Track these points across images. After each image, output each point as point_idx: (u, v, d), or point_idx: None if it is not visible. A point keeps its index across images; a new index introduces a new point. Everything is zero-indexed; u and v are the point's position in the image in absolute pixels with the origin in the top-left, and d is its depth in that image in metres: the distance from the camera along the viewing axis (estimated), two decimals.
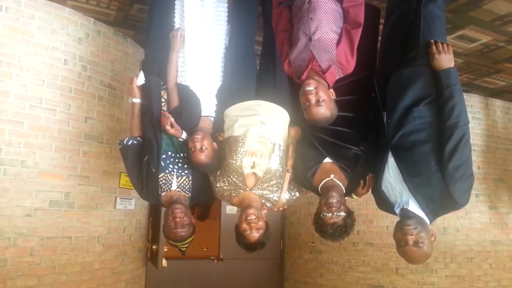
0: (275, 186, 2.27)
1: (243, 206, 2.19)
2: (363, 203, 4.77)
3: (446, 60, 2.01)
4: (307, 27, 2.17)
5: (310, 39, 2.15)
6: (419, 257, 1.98)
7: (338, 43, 2.11)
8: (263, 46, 2.58)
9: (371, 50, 2.36)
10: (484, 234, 5.00)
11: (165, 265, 4.04)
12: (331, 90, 2.09)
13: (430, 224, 2.04)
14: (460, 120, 1.96)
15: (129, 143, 2.45)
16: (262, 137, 2.25)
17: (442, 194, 1.95)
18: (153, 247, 4.20)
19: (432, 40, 2.06)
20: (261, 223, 2.09)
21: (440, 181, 1.93)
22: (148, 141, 2.38)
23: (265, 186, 2.24)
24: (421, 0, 2.12)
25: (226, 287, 5.32)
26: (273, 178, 2.25)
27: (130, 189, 3.61)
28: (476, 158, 4.96)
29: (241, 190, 2.25)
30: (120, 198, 3.50)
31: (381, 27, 2.51)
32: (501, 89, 4.94)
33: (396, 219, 4.57)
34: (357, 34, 2.11)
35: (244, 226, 2.09)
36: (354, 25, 2.13)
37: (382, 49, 2.41)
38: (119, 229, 3.51)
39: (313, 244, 5.28)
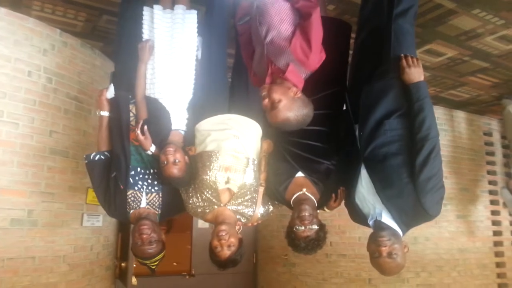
0: (249, 200, 2.23)
1: (217, 223, 2.13)
2: (335, 214, 4.75)
3: (416, 74, 2.04)
4: (259, 33, 2.13)
5: (263, 45, 2.11)
6: (392, 269, 1.98)
7: (291, 40, 2.04)
8: (235, 58, 2.57)
9: (343, 65, 2.38)
10: (452, 243, 5.11)
11: (135, 283, 3.91)
12: (294, 89, 2.00)
13: (403, 235, 2.06)
14: (430, 133, 1.99)
15: (96, 158, 2.37)
16: (235, 152, 2.21)
17: (414, 205, 1.96)
18: (122, 264, 4.06)
19: (402, 55, 2.09)
20: (232, 239, 2.04)
21: (412, 193, 1.95)
22: (116, 157, 2.31)
23: (240, 201, 2.20)
24: (392, 15, 2.15)
25: None
26: (248, 192, 2.21)
27: (97, 205, 3.44)
28: (443, 169, 5.08)
29: (215, 206, 2.19)
30: (87, 215, 3.37)
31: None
32: (465, 101, 5.10)
33: (368, 230, 4.63)
34: (310, 25, 2.01)
35: (215, 243, 2.04)
36: (304, 17, 2.05)
37: (353, 63, 2.42)
38: (86, 247, 3.37)
39: (286, 257, 5.25)
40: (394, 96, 2.10)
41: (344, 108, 2.27)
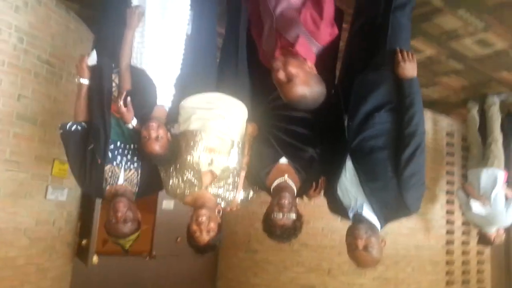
0: (231, 184, 2.18)
1: (196, 206, 2.07)
2: (300, 204, 4.84)
3: (410, 69, 2.05)
4: (268, 6, 2.05)
5: (272, 18, 2.03)
6: (368, 262, 2.02)
7: (301, 10, 1.97)
8: (224, 38, 2.49)
9: (333, 52, 2.35)
10: (410, 239, 5.29)
11: (96, 261, 3.78)
12: (309, 63, 1.91)
13: (380, 229, 2.09)
14: (418, 129, 2.02)
15: (72, 129, 2.24)
16: (221, 133, 2.16)
17: (397, 200, 1.99)
18: (82, 242, 3.91)
19: (398, 48, 2.09)
20: (212, 224, 1.99)
21: (395, 187, 1.98)
22: (95, 129, 2.19)
23: (221, 184, 2.15)
24: (390, 7, 2.15)
25: (157, 285, 5.12)
26: (230, 176, 2.16)
27: (63, 178, 3.33)
28: None
29: (196, 188, 2.13)
30: (51, 188, 3.20)
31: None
32: (433, 101, 5.20)
33: (331, 221, 4.72)
34: None
35: (194, 227, 1.99)
36: None
37: (347, 52, 2.42)
38: (49, 222, 3.21)
39: (249, 243, 5.25)
40: (386, 89, 2.11)
41: (334, 97, 2.24)
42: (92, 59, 2.24)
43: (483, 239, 4.82)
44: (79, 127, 2.23)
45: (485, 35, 3.38)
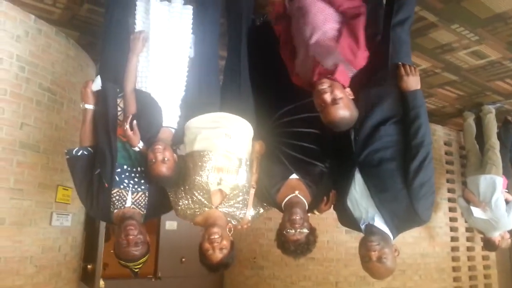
0: (241, 202, 2.19)
1: (207, 225, 2.07)
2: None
3: (413, 82, 2.10)
4: (303, 34, 2.11)
5: (308, 45, 2.09)
6: (382, 273, 2.02)
7: (338, 39, 2.05)
8: (227, 59, 2.51)
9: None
10: (415, 248, 5.29)
11: (103, 286, 3.73)
12: (348, 89, 2.00)
13: (393, 239, 2.09)
14: (425, 140, 2.04)
15: (79, 154, 2.25)
16: (227, 152, 2.17)
17: (408, 210, 2.01)
18: (88, 266, 3.87)
19: (400, 63, 2.13)
20: (225, 242, 1.99)
21: (406, 198, 2.00)
22: (101, 153, 2.20)
23: (231, 203, 2.16)
24: (389, 24, 2.20)
25: None
26: (240, 194, 2.17)
27: (67, 203, 3.31)
28: None
29: (206, 208, 2.13)
30: (56, 214, 3.17)
31: None
32: (430, 112, 5.29)
33: (336, 234, 4.72)
34: (358, 23, 2.05)
35: (207, 245, 1.98)
36: (352, 16, 2.07)
37: None
38: (54, 248, 3.17)
39: (254, 260, 5.22)
40: (390, 102, 2.14)
41: None
42: (97, 84, 2.26)
43: (488, 245, 4.83)
44: (85, 152, 2.24)
45: (479, 47, 3.44)
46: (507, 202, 4.61)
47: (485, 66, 3.80)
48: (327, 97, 1.92)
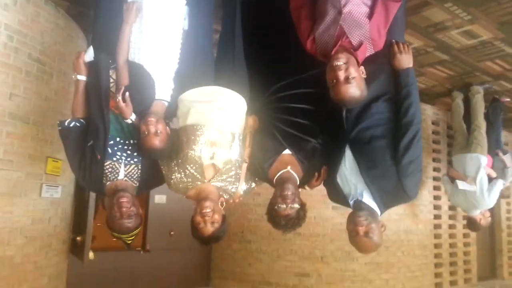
0: (233, 177, 2.20)
1: (199, 199, 2.09)
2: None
3: (406, 60, 2.11)
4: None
5: (340, 12, 2.04)
6: (369, 247, 2.07)
7: (370, 17, 2.02)
8: (221, 32, 2.49)
9: None
10: (399, 225, 5.43)
11: (92, 257, 3.76)
12: (362, 67, 1.98)
13: (380, 215, 2.14)
14: (415, 118, 2.07)
15: (71, 125, 2.23)
16: (221, 126, 2.17)
17: (396, 186, 2.05)
18: (77, 238, 3.89)
19: (393, 40, 2.14)
20: (216, 216, 2.01)
21: (395, 175, 2.03)
22: (94, 125, 2.18)
23: (224, 177, 2.17)
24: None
25: (152, 279, 5.14)
26: (233, 168, 2.18)
27: (57, 175, 3.31)
28: None
29: (199, 182, 2.14)
30: (46, 186, 3.18)
31: None
32: (420, 91, 5.24)
33: (323, 210, 4.80)
34: (395, 7, 2.03)
35: (198, 219, 1.99)
36: (392, 0, 2.04)
37: None
38: (44, 220, 3.18)
39: (242, 234, 5.30)
40: (382, 80, 2.15)
41: None
42: (89, 55, 2.23)
43: (471, 224, 4.97)
44: (77, 124, 2.23)
45: (471, 27, 3.47)
46: (490, 179, 4.73)
47: (477, 46, 3.84)
48: (341, 74, 1.90)
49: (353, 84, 1.91)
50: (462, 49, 3.95)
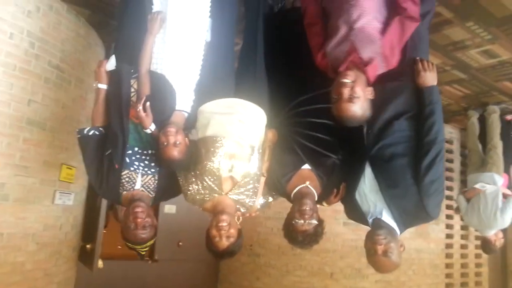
0: (251, 190, 2.18)
1: (216, 212, 2.06)
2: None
3: (430, 78, 2.08)
4: (348, 14, 2.05)
5: (351, 28, 2.03)
6: (387, 267, 2.03)
7: (383, 33, 2.00)
8: (243, 45, 2.49)
9: None
10: (411, 243, 5.34)
11: (101, 266, 3.73)
12: (370, 88, 1.98)
13: (400, 234, 2.10)
14: (438, 137, 2.03)
15: (90, 133, 2.22)
16: (240, 138, 2.15)
17: (417, 206, 2.01)
18: (87, 246, 3.87)
19: (418, 58, 2.12)
20: (232, 231, 1.98)
21: (416, 194, 1.99)
22: (113, 134, 2.18)
23: (242, 190, 2.15)
24: None
25: None
26: (251, 182, 2.16)
27: (70, 182, 3.30)
28: None
29: (216, 195, 2.12)
30: (59, 192, 3.17)
31: None
32: None
33: (334, 226, 4.72)
34: (411, 28, 2.02)
35: (214, 232, 1.97)
36: (410, 18, 2.02)
37: None
38: (56, 226, 3.17)
39: (251, 247, 5.25)
40: (405, 97, 2.12)
41: None
42: (111, 64, 2.24)
43: (486, 247, 4.85)
44: (96, 132, 2.22)
45: (491, 46, 3.45)
46: (504, 198, 4.63)
47: (495, 65, 3.81)
48: (346, 91, 1.89)
49: (355, 103, 1.90)
50: (481, 69, 3.92)
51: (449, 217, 5.90)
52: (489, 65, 3.82)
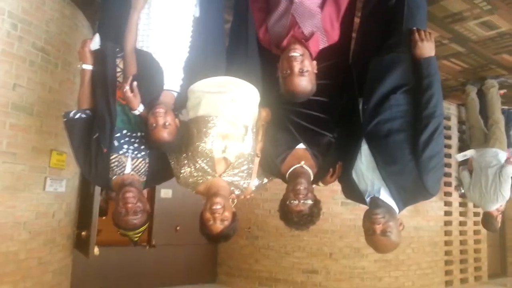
0: (245, 171, 2.11)
1: (210, 194, 1.99)
2: None
3: (428, 48, 2.00)
4: None
5: (291, 2, 1.96)
6: (386, 246, 1.97)
7: (322, 7, 1.95)
8: (233, 21, 2.39)
9: (347, 33, 2.27)
10: (409, 221, 5.31)
11: (97, 253, 3.68)
12: (314, 62, 1.92)
13: (398, 213, 2.04)
14: (436, 110, 1.97)
15: (76, 117, 2.14)
16: (233, 118, 2.07)
17: (415, 183, 1.95)
18: (82, 233, 3.81)
19: (415, 28, 2.03)
20: (227, 213, 1.90)
21: (414, 170, 1.93)
22: (99, 116, 2.10)
23: (236, 171, 2.07)
24: None
25: (157, 274, 5.08)
26: (245, 163, 2.09)
27: (61, 169, 3.23)
28: None
29: (209, 177, 2.05)
30: (50, 179, 3.09)
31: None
32: None
33: (331, 206, 4.71)
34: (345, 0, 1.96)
35: (208, 215, 1.89)
36: None
37: (361, 33, 2.34)
38: (48, 214, 3.11)
39: (249, 230, 5.22)
40: (402, 70, 2.06)
41: (348, 80, 2.18)
42: (95, 43, 2.14)
43: (487, 221, 4.82)
44: (83, 115, 2.14)
45: (490, 17, 3.33)
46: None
47: (494, 37, 3.70)
48: (296, 65, 1.85)
49: (306, 77, 1.86)
50: (479, 41, 3.82)
51: (447, 194, 5.87)
52: (488, 37, 3.71)
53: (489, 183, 4.58)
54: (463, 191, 5.47)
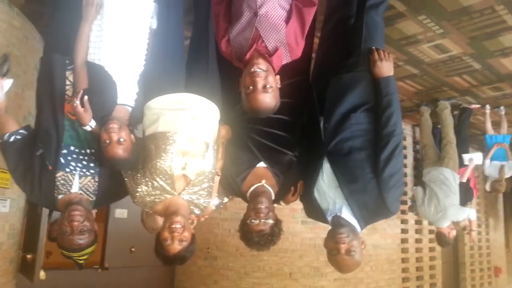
0: (206, 190, 2.03)
1: (169, 213, 1.89)
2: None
3: (387, 67, 2.03)
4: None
5: (255, 14, 1.90)
6: (349, 266, 1.95)
7: (287, 21, 1.90)
8: (192, 36, 2.33)
9: (308, 52, 2.27)
10: (368, 239, 5.29)
11: (44, 277, 3.43)
12: (278, 76, 1.87)
13: (360, 231, 2.03)
14: (396, 129, 1.99)
15: (11, 140, 2.01)
16: (194, 135, 1.99)
17: (377, 201, 1.95)
18: (28, 256, 3.55)
19: (373, 48, 2.05)
20: (186, 234, 1.81)
21: (375, 188, 1.93)
22: (44, 132, 1.98)
23: (196, 189, 1.99)
24: (364, 6, 2.11)
25: None
26: (205, 180, 2.01)
27: (5, 188, 3.00)
28: None
29: (168, 195, 1.95)
30: None
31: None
32: None
33: (290, 225, 4.65)
34: (310, 13, 1.92)
35: (166, 234, 1.79)
36: (306, 3, 1.92)
37: (320, 53, 2.35)
38: None
39: (208, 250, 5.08)
40: (362, 89, 2.07)
41: (309, 98, 2.16)
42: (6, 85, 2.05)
43: (440, 239, 4.92)
44: (18, 137, 2.01)
45: (442, 41, 3.47)
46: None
47: (446, 60, 3.85)
48: (260, 81, 1.78)
49: (270, 93, 1.80)
50: (432, 63, 3.96)
51: (403, 212, 5.98)
52: (440, 60, 3.86)
53: (441, 201, 4.69)
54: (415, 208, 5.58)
